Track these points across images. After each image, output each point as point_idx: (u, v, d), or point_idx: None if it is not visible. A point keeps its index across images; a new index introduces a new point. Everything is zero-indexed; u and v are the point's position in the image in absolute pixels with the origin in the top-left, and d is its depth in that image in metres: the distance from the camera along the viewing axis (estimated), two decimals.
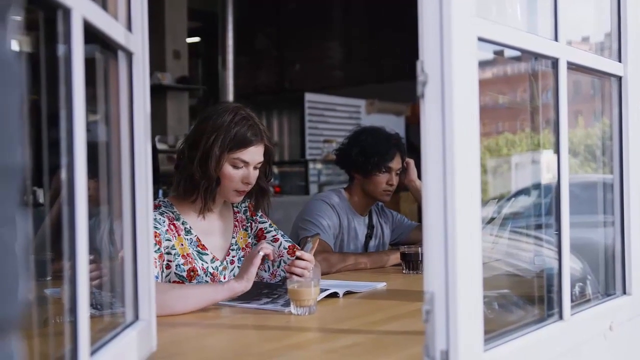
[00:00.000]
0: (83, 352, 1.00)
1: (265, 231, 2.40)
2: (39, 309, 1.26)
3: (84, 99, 1.01)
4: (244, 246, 2.35)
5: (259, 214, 2.43)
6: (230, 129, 2.14)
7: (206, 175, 2.15)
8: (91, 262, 1.41)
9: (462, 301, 1.14)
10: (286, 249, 2.35)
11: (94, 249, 1.13)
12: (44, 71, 1.05)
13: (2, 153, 0.56)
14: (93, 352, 1.08)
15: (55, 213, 1.66)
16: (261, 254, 1.97)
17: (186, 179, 2.18)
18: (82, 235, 1.00)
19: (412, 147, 4.68)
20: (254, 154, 2.20)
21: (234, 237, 2.33)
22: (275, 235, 2.40)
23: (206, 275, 2.19)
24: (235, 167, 2.18)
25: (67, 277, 1.00)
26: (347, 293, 2.17)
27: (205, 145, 2.13)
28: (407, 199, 6.47)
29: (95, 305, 1.30)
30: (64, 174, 1.00)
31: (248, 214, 2.41)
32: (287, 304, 1.90)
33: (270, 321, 1.80)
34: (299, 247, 2.34)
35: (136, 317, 1.36)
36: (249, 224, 2.40)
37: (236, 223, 2.36)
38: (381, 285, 2.34)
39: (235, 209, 2.39)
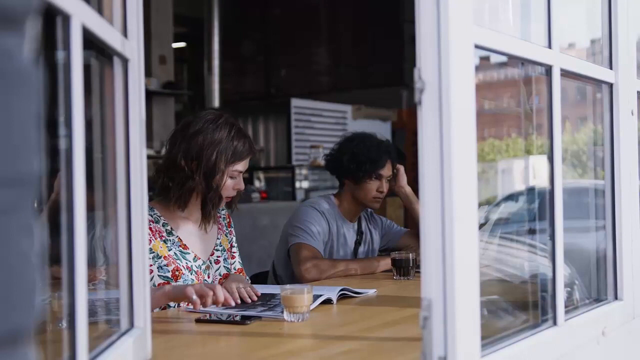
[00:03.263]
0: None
1: (232, 244, 2.51)
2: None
3: (82, 105, 1.01)
4: (227, 248, 2.45)
5: (232, 227, 2.54)
6: (230, 143, 2.25)
7: (211, 189, 2.23)
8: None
9: (460, 307, 1.14)
10: (235, 269, 2.43)
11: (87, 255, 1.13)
12: (41, 77, 1.05)
13: (20, 162, 0.56)
14: None
15: (45, 218, 1.65)
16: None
17: (188, 191, 2.24)
18: (80, 242, 1.00)
19: (398, 153, 4.69)
20: (247, 163, 2.33)
21: (218, 238, 2.42)
22: (235, 253, 2.50)
23: (191, 273, 2.25)
24: (232, 177, 2.28)
25: (66, 284, 0.99)
26: (342, 297, 2.17)
27: (208, 161, 2.21)
28: (393, 204, 6.49)
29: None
30: (61, 181, 0.99)
31: (226, 222, 2.50)
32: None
33: (264, 328, 1.79)
34: (244, 273, 2.47)
35: (131, 325, 1.35)
36: (228, 231, 2.50)
37: (220, 226, 2.45)
38: (372, 292, 2.34)
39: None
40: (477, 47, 1.22)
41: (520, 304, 1.74)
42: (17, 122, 0.55)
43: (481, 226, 2.28)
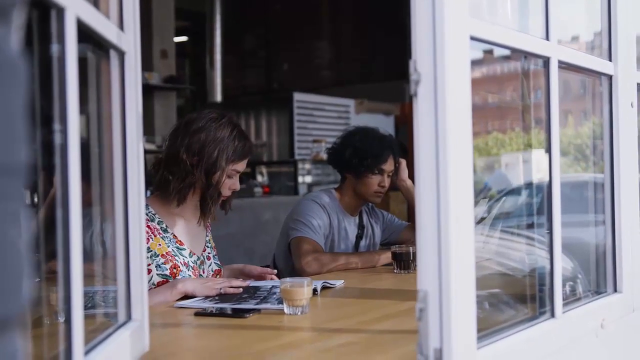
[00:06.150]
0: (77, 352, 1.00)
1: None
2: (30, 309, 1.26)
3: (77, 99, 1.01)
4: (213, 246, 2.49)
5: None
6: (232, 143, 2.28)
7: (210, 185, 2.26)
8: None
9: (455, 299, 1.15)
10: (212, 271, 2.43)
11: (84, 249, 1.13)
12: (35, 70, 1.05)
13: (7, 151, 0.56)
14: (86, 352, 1.08)
15: (44, 213, 1.66)
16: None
17: (188, 186, 2.26)
18: (76, 235, 1.00)
19: (401, 147, 4.69)
20: (245, 164, 2.36)
21: (207, 236, 2.46)
22: (216, 253, 2.51)
23: (188, 269, 2.28)
24: (229, 177, 2.31)
25: (62, 277, 1.00)
26: (324, 288, 2.22)
27: (209, 158, 2.25)
28: (396, 199, 6.49)
29: (86, 305, 1.30)
30: (57, 175, 1.00)
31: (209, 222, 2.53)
32: (281, 301, 1.90)
33: (263, 321, 1.80)
34: (221, 273, 2.48)
35: (129, 318, 1.35)
36: (211, 230, 2.54)
37: (208, 224, 2.48)
38: (340, 283, 2.35)
39: None
40: (473, 39, 1.22)
41: (519, 297, 1.74)
42: (3, 112, 0.56)
43: (482, 220, 2.28)
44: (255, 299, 2.02)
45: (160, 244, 2.24)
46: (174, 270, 2.23)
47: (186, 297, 2.08)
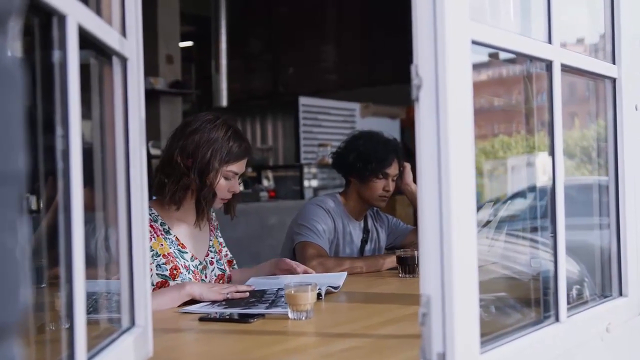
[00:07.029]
0: (80, 358, 1.00)
1: (223, 245, 2.54)
2: (34, 315, 1.26)
3: (79, 105, 1.01)
4: (218, 250, 2.48)
5: (218, 229, 2.57)
6: (226, 143, 2.28)
7: (205, 186, 2.26)
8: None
9: (458, 304, 1.14)
10: (215, 276, 2.43)
11: (89, 255, 1.13)
12: (38, 77, 1.05)
13: (4, 159, 0.56)
14: (90, 358, 1.08)
15: (49, 219, 1.67)
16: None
17: (183, 188, 2.26)
18: (78, 241, 1.00)
19: (406, 150, 4.69)
20: (243, 166, 2.35)
21: (211, 240, 2.45)
22: (226, 251, 2.55)
23: (188, 272, 2.28)
24: (226, 178, 2.31)
25: (64, 284, 1.00)
26: (328, 293, 2.21)
27: (202, 158, 2.25)
28: (402, 203, 6.48)
29: (90, 310, 1.30)
30: (59, 181, 1.00)
31: (216, 224, 2.54)
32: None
33: (267, 326, 1.80)
34: (224, 278, 2.47)
35: (132, 323, 1.35)
36: (218, 232, 2.54)
37: (211, 228, 2.49)
38: (343, 277, 2.37)
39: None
40: (474, 43, 1.22)
41: (524, 301, 1.73)
42: (0, 120, 0.56)
43: (488, 223, 2.28)
44: (263, 303, 2.02)
45: (162, 244, 2.25)
46: (174, 272, 2.23)
47: (192, 301, 2.08)
